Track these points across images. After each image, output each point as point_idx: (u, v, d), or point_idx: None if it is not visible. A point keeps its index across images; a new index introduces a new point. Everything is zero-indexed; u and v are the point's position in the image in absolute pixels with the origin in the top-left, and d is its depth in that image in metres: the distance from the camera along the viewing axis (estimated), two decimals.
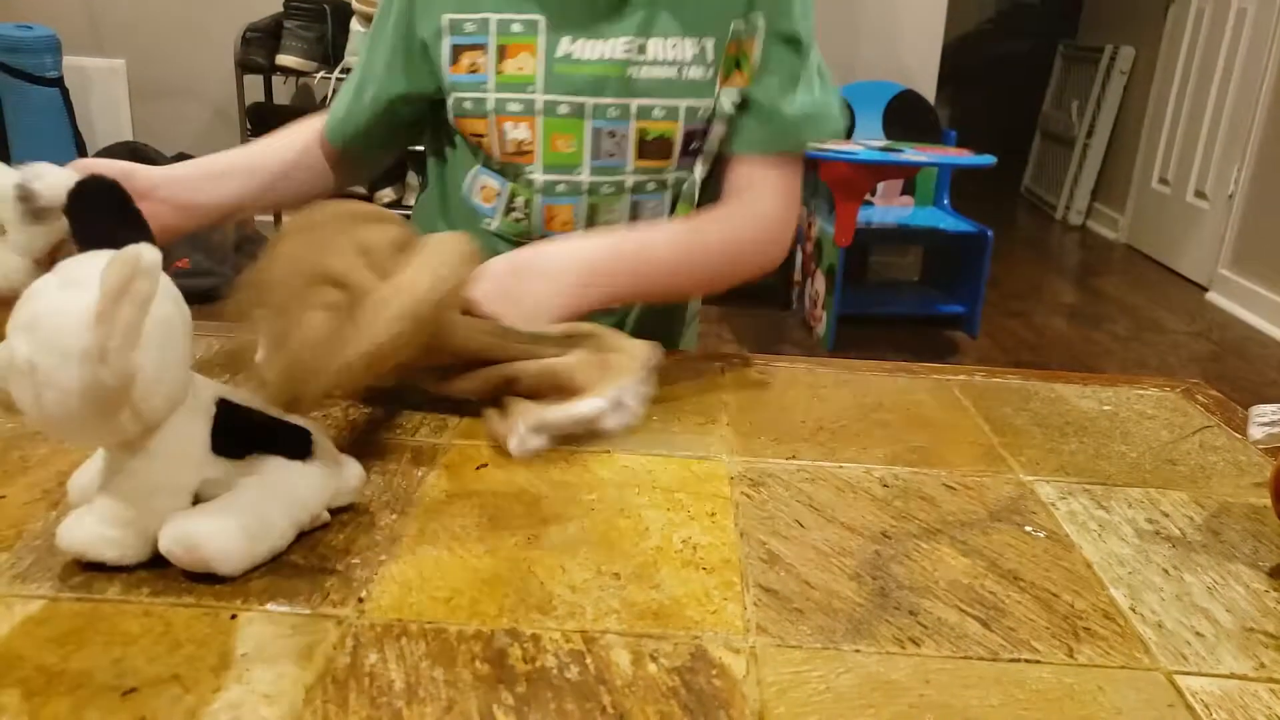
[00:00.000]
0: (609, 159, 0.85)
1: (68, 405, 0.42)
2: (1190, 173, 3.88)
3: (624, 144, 0.84)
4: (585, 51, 0.82)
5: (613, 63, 0.82)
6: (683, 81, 0.83)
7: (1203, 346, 3.08)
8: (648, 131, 0.84)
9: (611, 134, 0.84)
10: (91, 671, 0.40)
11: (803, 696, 0.41)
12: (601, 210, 0.87)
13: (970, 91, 5.52)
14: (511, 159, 0.85)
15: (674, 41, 0.82)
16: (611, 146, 0.84)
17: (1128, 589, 0.51)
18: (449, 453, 0.62)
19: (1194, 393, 0.80)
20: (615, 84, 0.82)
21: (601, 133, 0.84)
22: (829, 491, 0.59)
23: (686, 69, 0.83)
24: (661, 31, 0.82)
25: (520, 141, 0.84)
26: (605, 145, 0.84)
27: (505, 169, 0.86)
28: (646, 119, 0.84)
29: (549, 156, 0.84)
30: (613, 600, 0.47)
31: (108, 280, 0.41)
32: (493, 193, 0.88)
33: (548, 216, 0.87)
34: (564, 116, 0.83)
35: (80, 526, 0.46)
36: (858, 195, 2.74)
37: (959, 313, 3.08)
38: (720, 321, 3.09)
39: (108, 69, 3.41)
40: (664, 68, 0.82)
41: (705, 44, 0.82)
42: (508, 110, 0.83)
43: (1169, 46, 4.14)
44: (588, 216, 0.87)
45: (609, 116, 0.83)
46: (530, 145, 0.84)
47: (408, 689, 0.40)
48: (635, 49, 0.82)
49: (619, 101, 0.83)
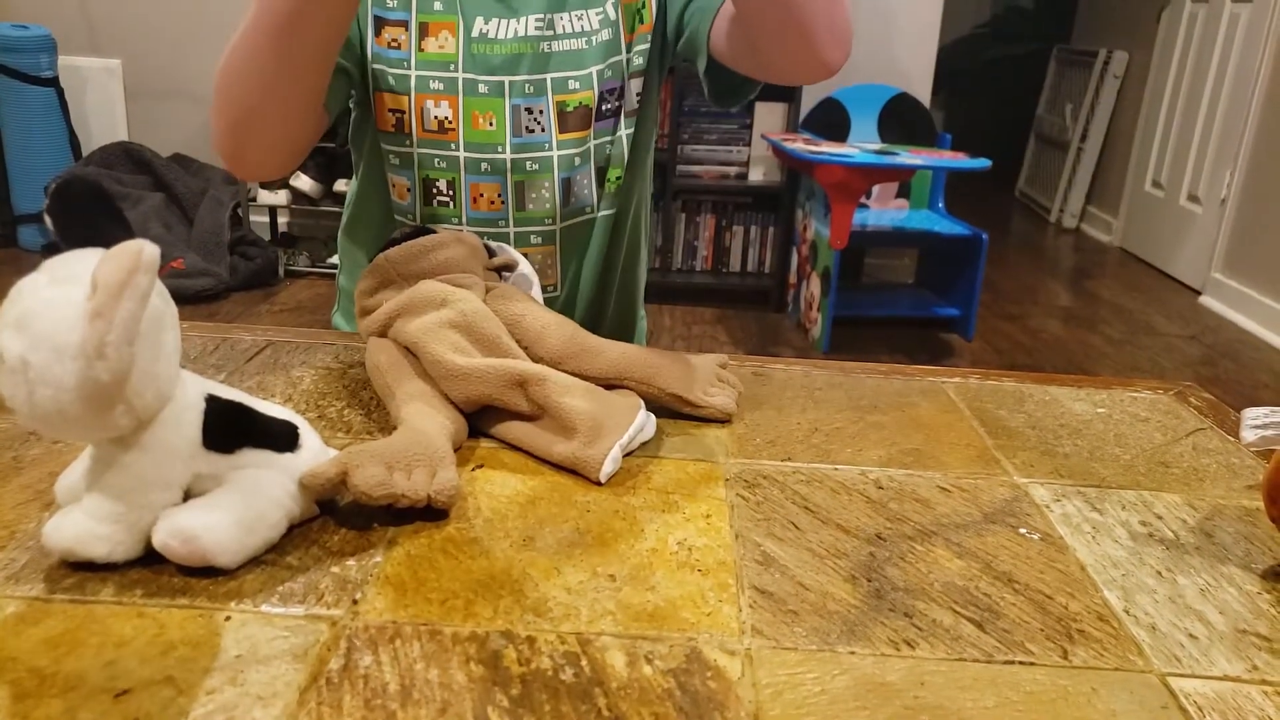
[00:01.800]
0: (529, 135, 0.86)
1: (62, 402, 0.42)
2: (1183, 176, 3.89)
3: (544, 119, 0.86)
4: (499, 31, 0.84)
5: (525, 40, 0.84)
6: (592, 49, 0.85)
7: (1196, 349, 3.09)
8: (566, 104, 0.86)
9: (529, 110, 0.85)
10: (84, 673, 0.40)
11: (798, 699, 0.41)
12: (528, 189, 0.88)
13: (965, 95, 5.54)
14: (433, 136, 0.85)
15: (579, 14, 0.85)
16: (530, 122, 0.85)
17: (1121, 591, 0.51)
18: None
19: (1187, 395, 0.81)
20: (529, 61, 0.84)
21: (520, 109, 0.85)
22: (824, 493, 0.60)
23: (594, 36, 0.85)
24: (569, 6, 0.84)
25: (442, 119, 0.85)
26: (524, 121, 0.85)
27: (424, 154, 0.86)
28: (563, 92, 0.85)
29: (470, 134, 0.85)
30: (608, 602, 0.47)
31: (107, 275, 0.41)
32: (405, 189, 0.88)
33: (474, 195, 0.87)
34: (483, 95, 0.84)
35: (68, 523, 0.46)
36: (853, 198, 2.75)
37: (954, 315, 3.08)
38: (716, 323, 3.09)
39: (103, 69, 3.40)
40: (574, 40, 0.85)
41: (606, 8, 0.85)
42: (430, 88, 0.83)
43: (1162, 51, 4.16)
44: (515, 197, 0.87)
45: (525, 93, 0.85)
46: (452, 123, 0.85)
47: (402, 691, 0.40)
48: (545, 25, 0.84)
49: (534, 78, 0.84)
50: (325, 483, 0.51)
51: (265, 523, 0.49)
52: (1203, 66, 3.82)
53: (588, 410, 0.61)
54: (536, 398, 0.62)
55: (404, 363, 0.65)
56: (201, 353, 0.77)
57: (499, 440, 0.64)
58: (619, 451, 0.60)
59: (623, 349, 0.69)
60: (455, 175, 0.86)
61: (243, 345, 0.79)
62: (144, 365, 0.44)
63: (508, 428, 0.63)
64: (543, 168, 0.86)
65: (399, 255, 0.70)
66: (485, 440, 0.64)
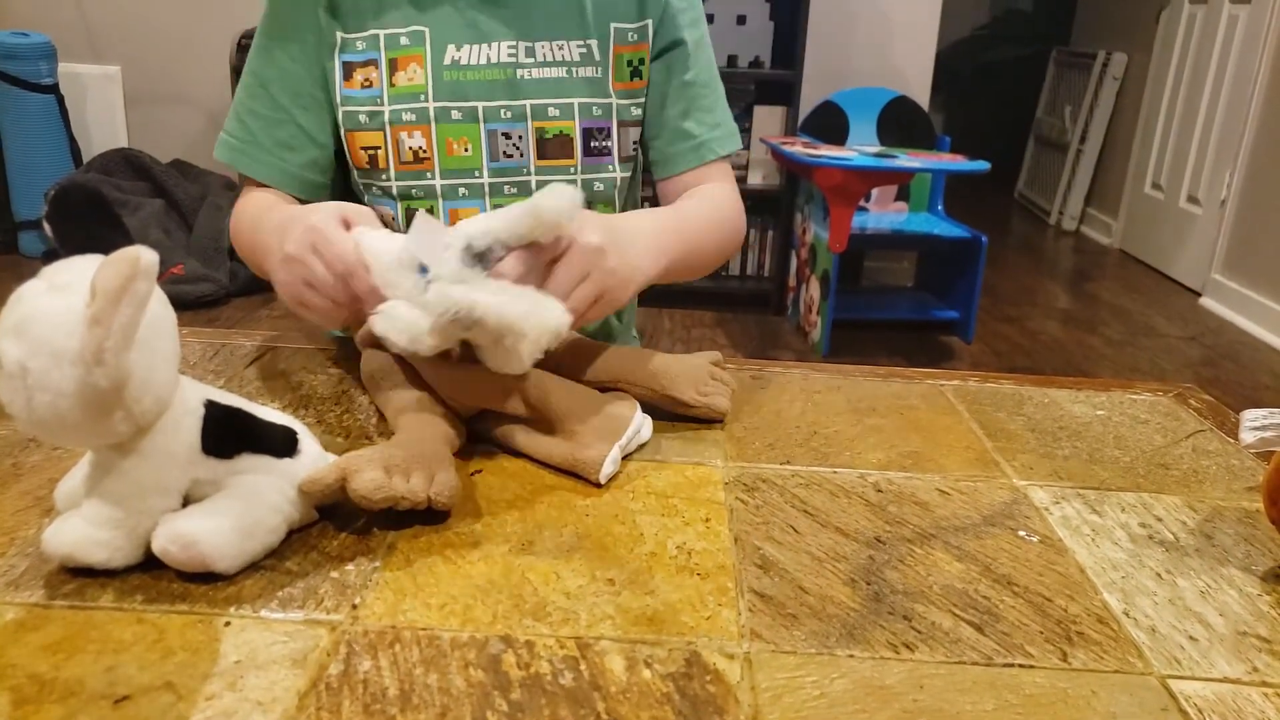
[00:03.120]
0: (507, 160, 0.86)
1: (60, 408, 0.42)
2: (1183, 178, 3.89)
3: (523, 144, 0.86)
4: (472, 57, 0.84)
5: (499, 67, 0.84)
6: (575, 80, 0.86)
7: (1196, 351, 3.08)
8: (546, 131, 0.86)
9: (507, 135, 0.86)
10: (84, 679, 0.40)
11: (797, 702, 0.41)
12: None
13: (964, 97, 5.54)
14: (409, 168, 0.85)
15: (560, 44, 0.86)
16: (509, 147, 0.86)
17: (1121, 593, 0.51)
18: None
19: (1187, 397, 0.81)
20: (504, 87, 0.85)
21: (497, 134, 0.85)
22: (823, 497, 0.60)
23: (577, 69, 0.86)
24: (545, 35, 0.85)
25: (417, 150, 0.85)
26: (502, 146, 0.86)
27: (401, 185, 0.86)
28: (542, 119, 0.86)
29: (446, 161, 0.85)
30: (607, 606, 0.47)
31: (106, 281, 0.41)
32: (388, 216, 0.88)
33: (452, 220, 0.87)
34: (457, 122, 0.85)
35: (67, 529, 0.46)
36: (852, 201, 2.75)
37: (953, 318, 3.08)
38: (715, 327, 3.09)
39: (103, 76, 3.41)
40: (554, 68, 0.86)
41: (590, 44, 0.86)
42: (403, 120, 0.84)
43: (1161, 52, 4.16)
44: None
45: (503, 118, 0.85)
46: (427, 153, 0.85)
47: (401, 696, 0.40)
48: (521, 52, 0.85)
49: (511, 104, 0.85)
50: (324, 489, 0.51)
51: (264, 528, 0.49)
52: (1202, 68, 3.82)
53: (586, 412, 0.61)
54: (533, 401, 0.62)
55: (398, 371, 0.65)
56: (201, 358, 0.77)
57: (497, 444, 0.64)
58: (618, 453, 0.60)
59: (616, 352, 0.69)
60: (434, 202, 0.86)
61: (242, 351, 0.79)
62: (142, 371, 0.44)
63: (506, 432, 0.63)
64: (521, 192, 0.86)
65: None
66: (484, 445, 0.64)
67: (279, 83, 0.86)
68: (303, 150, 0.85)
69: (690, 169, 0.91)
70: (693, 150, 0.91)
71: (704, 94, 0.91)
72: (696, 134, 0.91)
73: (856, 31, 3.31)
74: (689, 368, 0.70)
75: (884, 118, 3.30)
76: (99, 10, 3.36)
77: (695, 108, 0.91)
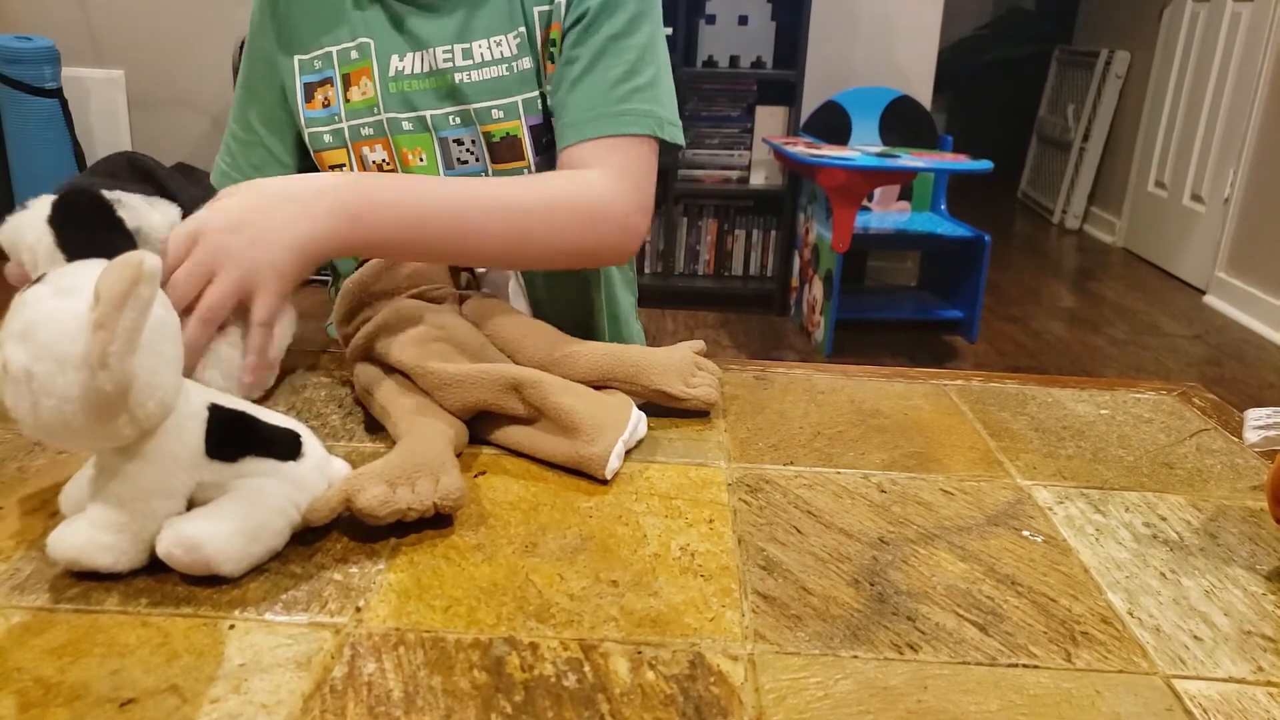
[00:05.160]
0: (463, 166, 0.85)
1: (65, 412, 0.42)
2: (1186, 176, 3.89)
3: (476, 149, 0.85)
4: (411, 66, 0.83)
5: (436, 73, 0.83)
6: (515, 76, 0.83)
7: (1201, 349, 3.08)
8: (493, 134, 0.84)
9: (459, 141, 0.84)
10: (89, 682, 0.40)
11: (801, 703, 0.41)
12: None
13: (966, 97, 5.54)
14: None
15: (497, 39, 0.82)
16: (462, 154, 0.85)
17: (1125, 593, 0.51)
18: None
19: (1190, 396, 0.81)
20: (447, 93, 0.83)
21: (449, 141, 0.84)
22: (826, 497, 0.60)
23: (516, 63, 0.83)
24: (481, 33, 0.82)
25: (380, 163, 0.85)
26: (455, 153, 0.85)
27: None
28: (488, 121, 0.84)
29: (406, 172, 0.85)
30: (611, 608, 0.47)
31: (110, 285, 0.41)
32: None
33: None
34: (409, 133, 0.84)
35: (72, 533, 0.46)
36: (855, 201, 2.75)
37: (957, 318, 3.08)
38: (718, 327, 3.09)
39: (106, 80, 3.42)
40: (493, 67, 0.83)
41: (521, 33, 0.83)
42: (361, 135, 0.84)
43: (1164, 50, 4.15)
44: None
45: (451, 125, 0.84)
46: (390, 165, 0.85)
47: (406, 698, 0.40)
48: (458, 54, 0.82)
49: (457, 109, 0.83)
50: (330, 512, 0.51)
51: (268, 531, 0.49)
52: (1205, 66, 3.81)
53: (586, 409, 0.61)
54: (532, 400, 0.62)
55: (392, 381, 0.65)
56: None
57: (499, 446, 0.64)
58: (622, 448, 0.60)
59: (603, 349, 0.69)
60: None
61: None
62: (146, 375, 0.44)
63: (507, 433, 0.63)
64: None
65: (366, 275, 0.70)
66: (486, 447, 0.64)
67: (253, 105, 0.87)
68: (269, 171, 0.86)
69: (568, 145, 0.79)
70: (571, 127, 0.79)
71: (604, 70, 0.80)
72: (574, 111, 0.80)
73: (858, 31, 3.31)
74: (674, 361, 0.70)
75: (886, 117, 3.30)
76: (102, 15, 3.37)
77: (585, 83, 0.80)
